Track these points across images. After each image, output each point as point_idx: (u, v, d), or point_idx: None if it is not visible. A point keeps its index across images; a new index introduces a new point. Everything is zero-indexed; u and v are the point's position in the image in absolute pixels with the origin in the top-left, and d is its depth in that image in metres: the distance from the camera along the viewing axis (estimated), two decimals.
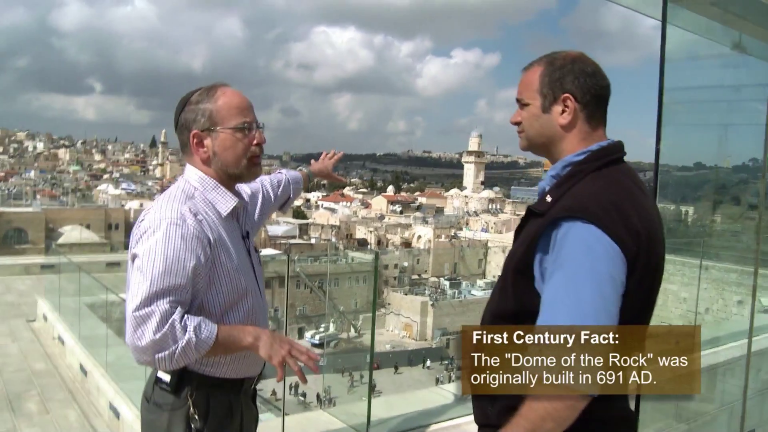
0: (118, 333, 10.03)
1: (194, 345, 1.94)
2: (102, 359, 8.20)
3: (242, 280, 2.18)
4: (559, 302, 1.66)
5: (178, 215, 2.03)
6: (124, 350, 9.20)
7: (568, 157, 1.86)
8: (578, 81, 1.84)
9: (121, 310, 10.51)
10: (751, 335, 4.36)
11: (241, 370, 2.23)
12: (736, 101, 3.93)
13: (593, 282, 1.64)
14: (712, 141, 3.84)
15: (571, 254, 1.66)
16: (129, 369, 8.15)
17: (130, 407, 6.79)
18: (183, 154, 2.25)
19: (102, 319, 10.22)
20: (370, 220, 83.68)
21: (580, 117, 1.86)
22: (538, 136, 1.92)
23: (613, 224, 1.67)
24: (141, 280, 1.94)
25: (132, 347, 1.93)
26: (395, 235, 78.58)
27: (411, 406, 4.05)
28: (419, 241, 76.26)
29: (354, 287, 57.13)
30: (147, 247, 1.98)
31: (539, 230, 1.75)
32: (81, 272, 10.84)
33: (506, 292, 1.85)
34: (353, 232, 76.88)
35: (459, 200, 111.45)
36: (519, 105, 1.94)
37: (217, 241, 2.10)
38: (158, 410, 2.14)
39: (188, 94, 2.21)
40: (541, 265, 1.75)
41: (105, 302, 10.71)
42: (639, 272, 1.71)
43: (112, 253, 34.65)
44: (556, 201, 1.77)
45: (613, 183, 1.79)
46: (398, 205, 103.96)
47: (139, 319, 1.90)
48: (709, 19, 3.18)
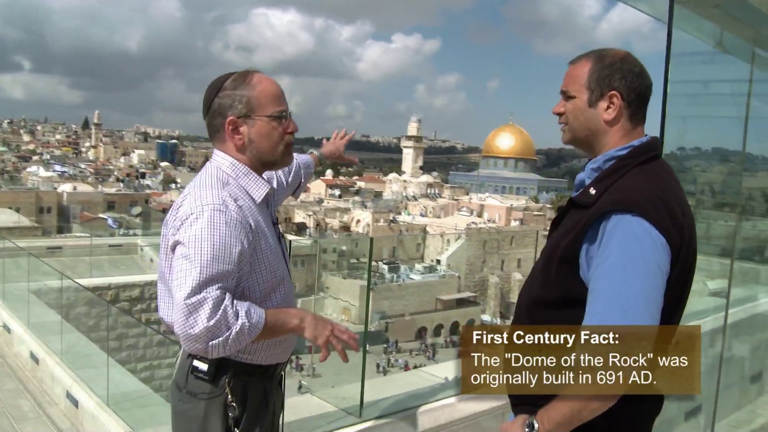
0: (68, 319, 9.80)
1: (247, 330, 1.95)
2: (55, 347, 7.99)
3: (279, 265, 2.19)
4: (610, 290, 1.74)
5: (220, 201, 2.03)
6: (78, 337, 9.00)
7: (611, 152, 1.93)
8: (626, 80, 1.92)
9: (68, 297, 10.19)
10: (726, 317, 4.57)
11: (275, 356, 2.26)
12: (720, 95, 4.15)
13: (643, 271, 1.73)
14: (695, 132, 4.02)
15: (622, 245, 1.74)
16: (85, 357, 7.98)
17: (90, 395, 6.63)
18: (213, 139, 2.23)
19: (50, 305, 9.95)
20: (309, 204, 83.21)
21: (623, 114, 1.94)
22: (582, 129, 1.98)
23: (661, 218, 1.76)
24: (189, 268, 1.93)
25: (184, 336, 1.91)
26: (334, 219, 78.40)
27: (397, 389, 4.11)
28: (358, 225, 76.28)
29: (293, 271, 56.66)
30: (192, 234, 1.97)
31: (587, 221, 1.82)
32: (30, 257, 10.53)
33: (549, 280, 1.92)
34: (292, 216, 76.36)
35: (398, 185, 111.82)
36: (564, 97, 2.00)
37: (257, 227, 2.11)
38: (193, 399, 2.14)
39: (220, 80, 2.19)
40: (587, 255, 1.83)
41: (52, 288, 10.44)
42: (680, 265, 1.81)
43: (46, 237, 33.58)
44: (601, 194, 1.85)
45: (657, 178, 1.88)
46: (337, 189, 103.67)
47: (191, 306, 1.89)
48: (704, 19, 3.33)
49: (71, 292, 10.67)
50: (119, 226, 56.70)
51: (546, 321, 1.93)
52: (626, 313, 1.71)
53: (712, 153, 4.73)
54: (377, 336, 52.64)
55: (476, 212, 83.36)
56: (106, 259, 17.79)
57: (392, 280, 59.81)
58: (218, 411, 2.12)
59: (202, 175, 2.18)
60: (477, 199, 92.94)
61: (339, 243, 64.33)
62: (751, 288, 5.81)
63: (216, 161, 2.20)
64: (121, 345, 12.64)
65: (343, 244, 63.84)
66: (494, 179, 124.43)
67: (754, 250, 5.85)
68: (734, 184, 4.74)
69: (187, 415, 2.16)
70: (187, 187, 2.19)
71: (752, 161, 4.85)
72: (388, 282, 59.31)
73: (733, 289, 4.79)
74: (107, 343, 8.23)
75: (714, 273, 5.04)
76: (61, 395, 7.22)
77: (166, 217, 2.15)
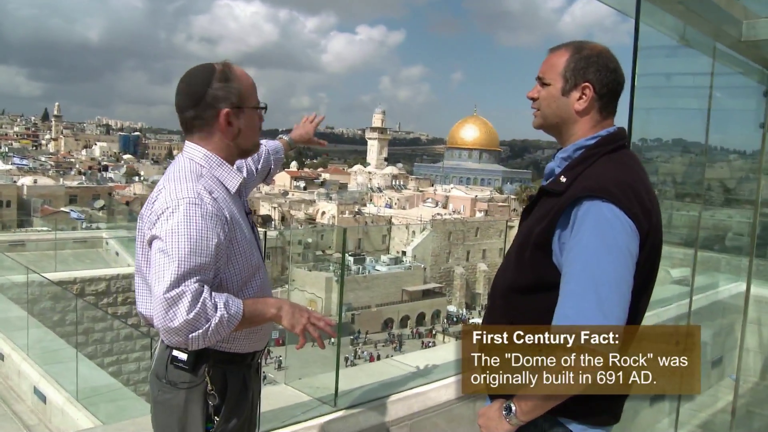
0: (33, 314, 9.68)
1: (226, 321, 1.99)
2: (21, 342, 7.89)
3: (255, 255, 2.23)
4: (583, 272, 1.81)
5: (195, 194, 2.05)
6: (44, 332, 8.90)
7: (580, 141, 2.01)
8: (600, 74, 1.99)
9: (32, 291, 10.04)
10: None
11: (253, 344, 2.29)
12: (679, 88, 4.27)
13: (614, 254, 1.81)
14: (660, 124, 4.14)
15: (593, 229, 1.82)
16: (52, 352, 7.90)
17: (59, 390, 6.58)
18: (193, 131, 2.21)
19: (14, 300, 9.82)
20: (274, 196, 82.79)
21: (594, 107, 2.01)
22: (553, 116, 2.05)
23: (630, 204, 1.84)
24: (167, 262, 1.95)
25: (164, 329, 1.93)
26: (299, 212, 78.15)
27: (370, 378, 4.15)
28: (323, 217, 76.14)
29: None
30: (168, 228, 1.98)
31: (559, 208, 1.90)
32: None
33: (523, 266, 1.99)
34: (257, 209, 75.86)
35: (363, 176, 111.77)
36: (539, 83, 2.07)
37: (232, 219, 2.14)
38: (173, 389, 2.16)
39: (203, 70, 2.19)
40: (559, 240, 1.91)
41: (16, 284, 10.29)
42: (648, 248, 1.90)
43: (6, 231, 32.95)
44: (572, 181, 1.92)
45: (625, 166, 1.96)
46: (302, 181, 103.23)
47: (170, 300, 1.91)
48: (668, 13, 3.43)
49: (36, 286, 10.54)
50: (85, 219, 55.79)
51: (521, 306, 2.00)
52: (599, 293, 1.78)
53: (674, 144, 4.86)
54: (344, 328, 52.65)
55: (441, 203, 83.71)
56: (71, 253, 17.54)
57: (358, 271, 59.78)
58: (198, 400, 2.15)
59: (176, 168, 2.17)
60: (442, 190, 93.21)
61: (305, 235, 64.16)
62: (713, 276, 5.98)
63: (188, 153, 2.21)
64: (87, 339, 12.50)
65: (309, 236, 63.69)
66: (459, 170, 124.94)
67: (716, 239, 6.01)
68: (697, 175, 4.88)
69: (167, 404, 2.18)
70: (161, 180, 2.19)
71: (714, 152, 4.99)
72: (354, 274, 59.29)
73: (696, 277, 4.92)
74: (75, 338, 8.15)
75: (677, 262, 5.18)
76: (28, 391, 7.14)
77: (141, 211, 2.16)
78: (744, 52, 4.18)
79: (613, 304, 1.79)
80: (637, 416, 4.71)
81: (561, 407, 1.87)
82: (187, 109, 2.18)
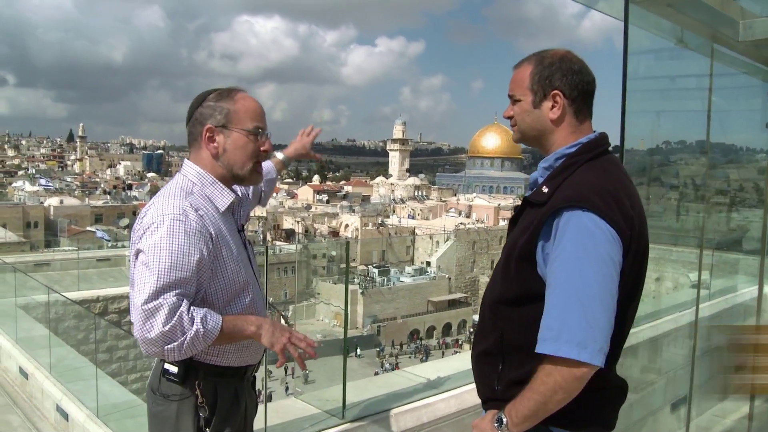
0: (57, 333, 9.79)
1: (202, 335, 2.03)
2: (44, 361, 7.99)
3: (242, 272, 2.26)
4: (566, 283, 1.80)
5: (180, 210, 2.10)
6: (67, 351, 9.00)
7: (561, 150, 2.00)
8: (566, 78, 1.99)
9: (56, 311, 10.18)
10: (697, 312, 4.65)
11: (244, 358, 2.33)
12: (678, 90, 4.26)
13: (597, 263, 1.79)
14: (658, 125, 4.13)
15: (574, 239, 1.81)
16: (74, 370, 7.98)
17: (80, 407, 6.65)
18: (190, 148, 2.32)
19: (38, 320, 9.95)
20: (297, 210, 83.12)
21: (568, 112, 2.01)
22: (530, 130, 2.06)
23: (611, 211, 1.82)
24: (147, 275, 2.00)
25: (141, 339, 1.99)
26: (323, 225, 78.32)
27: (379, 390, 4.16)
28: (347, 229, 76.22)
29: (283, 278, 56.82)
30: (152, 242, 2.04)
31: (541, 219, 1.89)
32: (17, 272, 10.51)
33: (509, 278, 1.99)
34: (280, 223, 76.25)
35: (385, 188, 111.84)
36: (511, 101, 2.08)
37: (218, 236, 2.18)
38: (166, 401, 2.22)
39: (205, 93, 2.30)
40: (543, 252, 1.89)
41: (40, 303, 10.41)
42: (632, 254, 1.88)
43: (34, 252, 33.40)
44: (553, 191, 1.91)
45: (607, 173, 1.95)
46: (324, 194, 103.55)
47: (147, 312, 1.96)
48: (661, 17, 3.43)
49: (59, 306, 10.67)
50: (111, 239, 56.43)
51: (508, 318, 2.00)
52: (583, 303, 1.77)
53: (676, 147, 4.82)
54: (370, 340, 52.59)
55: (464, 213, 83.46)
56: (94, 272, 17.74)
57: (383, 283, 59.79)
58: (189, 411, 2.19)
59: (169, 185, 2.25)
60: (465, 199, 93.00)
61: (328, 248, 64.27)
62: (728, 279, 5.91)
63: (184, 170, 2.29)
64: (111, 357, 12.61)
65: (333, 249, 63.78)
66: (481, 179, 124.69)
67: (725, 242, 5.94)
68: (701, 177, 4.84)
69: (160, 416, 2.23)
70: (153, 196, 2.26)
71: (717, 153, 4.95)
72: (379, 286, 59.29)
73: (704, 280, 4.87)
74: (95, 355, 8.23)
75: (685, 265, 5.14)
76: (51, 409, 7.23)
77: (134, 225, 2.22)
78: (744, 53, 4.15)
79: (598, 314, 1.78)
80: (649, 424, 4.67)
81: (554, 415, 1.87)
82: (186, 126, 2.30)
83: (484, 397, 2.11)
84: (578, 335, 1.75)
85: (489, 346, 2.06)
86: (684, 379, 4.67)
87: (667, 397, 4.93)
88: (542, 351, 1.80)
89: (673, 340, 4.95)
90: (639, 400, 4.59)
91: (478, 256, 67.06)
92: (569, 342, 1.75)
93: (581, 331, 1.76)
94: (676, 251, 5.20)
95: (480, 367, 2.12)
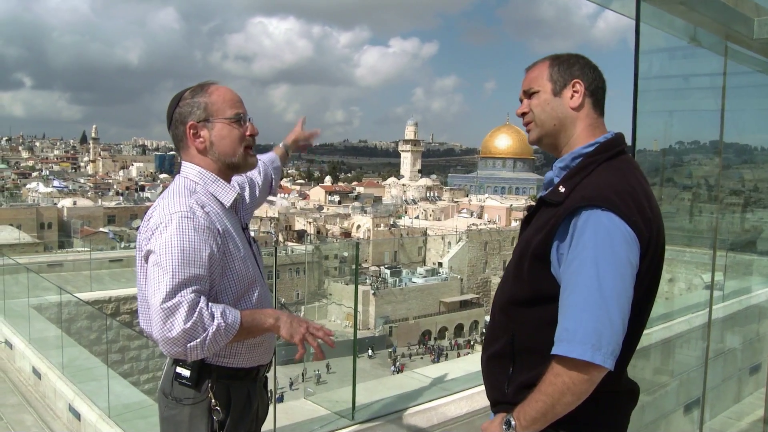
0: (69, 333, 9.84)
1: (224, 330, 2.01)
2: (56, 361, 8.03)
3: (250, 268, 2.25)
4: (584, 284, 1.76)
5: (187, 208, 2.09)
6: (79, 351, 9.03)
7: (577, 149, 1.97)
8: (585, 70, 1.99)
9: (69, 311, 10.20)
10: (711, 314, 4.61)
11: (256, 358, 2.31)
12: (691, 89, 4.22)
13: (614, 265, 1.76)
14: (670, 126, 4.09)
15: (593, 239, 1.78)
16: (86, 370, 8.01)
17: (92, 407, 6.69)
18: (179, 150, 2.32)
19: (51, 320, 9.99)
20: (309, 211, 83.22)
21: (588, 102, 1.98)
22: (550, 120, 2.01)
23: (630, 212, 1.79)
24: (161, 274, 1.99)
25: (162, 339, 1.97)
26: (334, 226, 78.37)
27: (389, 391, 4.14)
28: (358, 230, 76.25)
29: (295, 279, 56.98)
30: (162, 241, 2.03)
31: (558, 218, 1.85)
32: (29, 273, 10.58)
33: (521, 278, 1.96)
34: (292, 224, 76.37)
35: (397, 189, 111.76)
36: (526, 96, 2.05)
37: (225, 232, 2.17)
38: (178, 405, 2.20)
39: (179, 93, 2.30)
40: (557, 251, 1.86)
41: (52, 303, 10.47)
42: (649, 257, 1.85)
43: (48, 253, 33.65)
44: (570, 191, 1.87)
45: (625, 173, 1.91)
46: (336, 195, 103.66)
47: (167, 310, 1.94)
48: (673, 15, 3.39)
49: (72, 306, 10.71)
50: (120, 239, 56.73)
51: (520, 319, 1.97)
52: (599, 305, 1.74)
53: (690, 146, 4.78)
54: (382, 340, 52.60)
55: (476, 213, 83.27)
56: (107, 273, 17.81)
57: (395, 284, 59.82)
58: (203, 415, 2.17)
59: (171, 187, 2.24)
60: (476, 200, 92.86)
61: (340, 249, 64.32)
62: (743, 280, 5.85)
63: (184, 172, 2.28)
64: (123, 357, 12.65)
65: (344, 250, 63.83)
66: (493, 180, 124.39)
67: (740, 243, 5.89)
68: (714, 177, 4.78)
69: (173, 420, 2.21)
70: (157, 199, 2.25)
71: (730, 152, 4.90)
72: (391, 286, 59.31)
73: (718, 280, 4.82)
74: (107, 356, 8.26)
75: (699, 266, 5.09)
76: (63, 409, 7.26)
77: (139, 228, 2.21)
78: (759, 51, 4.10)
79: (614, 316, 1.74)
80: (661, 427, 4.63)
81: (563, 419, 1.84)
82: (168, 130, 2.30)
83: (494, 400, 2.09)
84: (593, 337, 1.73)
85: (499, 348, 2.03)
86: (697, 381, 4.63)
87: (680, 399, 4.88)
88: (556, 352, 1.77)
89: (686, 342, 4.91)
90: (651, 402, 4.54)
91: (490, 256, 66.94)
92: (583, 343, 1.73)
93: (596, 332, 1.73)
94: (690, 252, 5.15)
95: (490, 369, 2.10)
